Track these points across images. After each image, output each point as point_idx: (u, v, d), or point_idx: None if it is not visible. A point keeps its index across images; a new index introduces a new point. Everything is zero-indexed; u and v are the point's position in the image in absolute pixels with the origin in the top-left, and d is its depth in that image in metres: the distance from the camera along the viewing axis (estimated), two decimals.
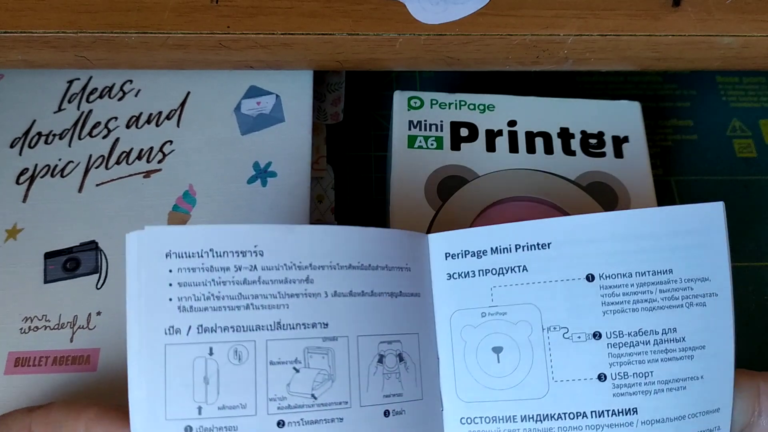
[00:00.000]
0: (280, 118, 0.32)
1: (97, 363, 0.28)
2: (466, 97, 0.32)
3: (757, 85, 0.41)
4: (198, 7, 0.29)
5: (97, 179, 0.31)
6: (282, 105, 0.32)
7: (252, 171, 0.31)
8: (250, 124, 0.32)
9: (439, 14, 0.30)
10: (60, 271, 0.29)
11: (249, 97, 0.32)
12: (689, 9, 0.30)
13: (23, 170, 0.31)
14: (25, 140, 0.32)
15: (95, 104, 0.32)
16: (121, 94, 0.33)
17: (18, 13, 0.29)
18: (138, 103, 0.32)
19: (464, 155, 0.30)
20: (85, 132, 0.32)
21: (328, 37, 0.29)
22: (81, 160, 0.31)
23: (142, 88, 0.33)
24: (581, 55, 0.30)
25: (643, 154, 0.31)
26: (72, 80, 0.33)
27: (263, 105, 0.32)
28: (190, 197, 0.30)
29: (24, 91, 0.33)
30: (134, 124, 0.32)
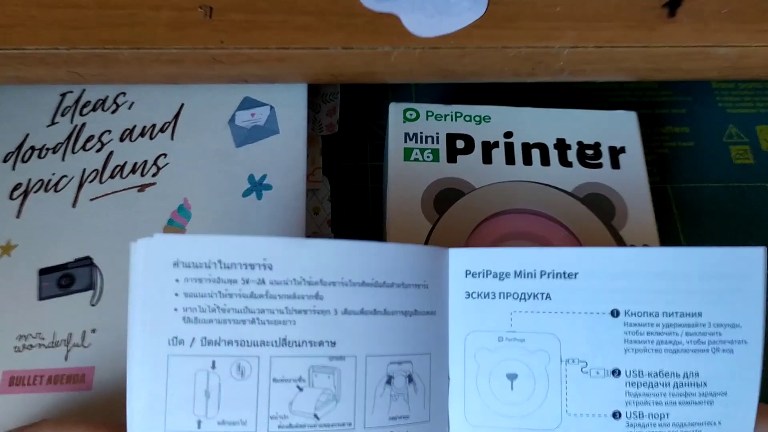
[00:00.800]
0: (274, 130, 0.32)
1: (92, 381, 0.27)
2: (461, 108, 0.32)
3: (753, 91, 0.41)
4: (191, 22, 0.29)
5: (91, 194, 0.31)
6: (276, 116, 0.32)
7: (247, 184, 0.31)
8: (245, 136, 0.31)
9: (434, 27, 0.29)
10: (54, 287, 0.29)
11: (243, 108, 0.32)
12: (685, 20, 0.30)
13: (16, 185, 0.31)
14: (18, 154, 0.32)
15: (88, 117, 0.32)
16: (115, 106, 0.32)
17: (10, 29, 0.28)
18: (131, 116, 0.32)
19: (460, 167, 0.30)
20: (79, 146, 0.32)
21: (322, 51, 0.29)
22: (75, 174, 0.31)
23: (136, 100, 0.32)
24: (577, 67, 0.30)
25: (640, 164, 0.31)
26: (65, 93, 0.33)
27: (257, 117, 0.32)
28: (185, 211, 0.30)
29: (16, 104, 0.33)
30: (128, 137, 0.32)
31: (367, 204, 0.36)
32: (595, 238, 0.29)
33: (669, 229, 0.36)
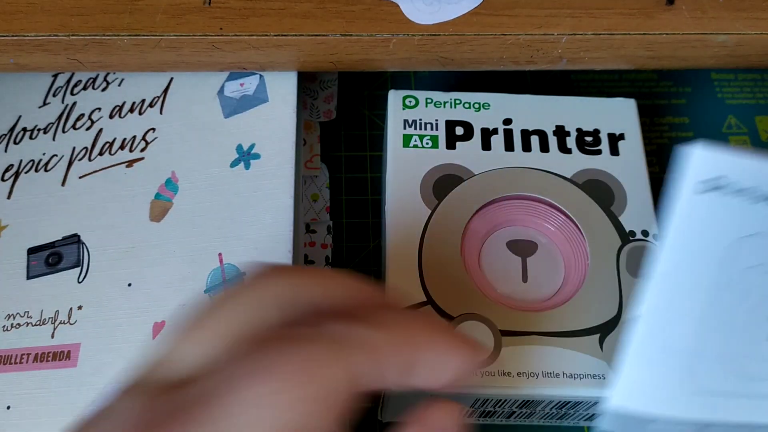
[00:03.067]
0: (263, 99, 0.31)
1: (78, 358, 0.27)
2: (461, 95, 0.32)
3: (753, 82, 0.41)
4: (190, 9, 0.29)
5: (80, 171, 0.31)
6: (266, 85, 0.31)
7: (235, 154, 0.30)
8: (234, 106, 0.31)
9: (433, 14, 0.29)
10: (43, 266, 0.29)
11: (232, 79, 0.31)
12: (683, 7, 0.30)
13: (8, 166, 0.31)
14: (11, 137, 0.32)
15: (79, 96, 0.32)
16: (105, 84, 0.32)
17: (9, 16, 0.28)
18: (121, 93, 0.32)
19: (460, 154, 0.30)
20: (69, 125, 0.32)
21: (321, 38, 0.29)
22: (65, 153, 0.31)
23: (126, 76, 0.32)
24: (575, 54, 0.30)
25: (638, 151, 0.31)
26: (57, 74, 0.33)
27: (246, 86, 0.31)
28: (172, 184, 0.30)
29: (9, 87, 0.33)
30: (117, 113, 0.32)
31: (366, 192, 0.36)
32: (593, 223, 0.29)
33: None
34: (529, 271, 0.28)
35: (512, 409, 0.28)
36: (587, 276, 0.28)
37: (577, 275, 0.28)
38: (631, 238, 0.28)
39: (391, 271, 0.28)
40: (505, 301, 0.28)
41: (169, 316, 0.28)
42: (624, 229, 0.29)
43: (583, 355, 0.26)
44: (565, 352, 0.26)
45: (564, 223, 0.29)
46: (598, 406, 0.27)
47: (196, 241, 0.29)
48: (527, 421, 0.30)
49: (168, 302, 0.28)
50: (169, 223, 0.29)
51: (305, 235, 0.33)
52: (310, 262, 0.32)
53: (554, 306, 0.27)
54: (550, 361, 0.26)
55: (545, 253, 0.29)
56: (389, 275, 0.27)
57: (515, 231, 0.30)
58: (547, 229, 0.29)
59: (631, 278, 0.28)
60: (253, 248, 0.28)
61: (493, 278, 0.28)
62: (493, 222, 0.29)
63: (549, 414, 0.28)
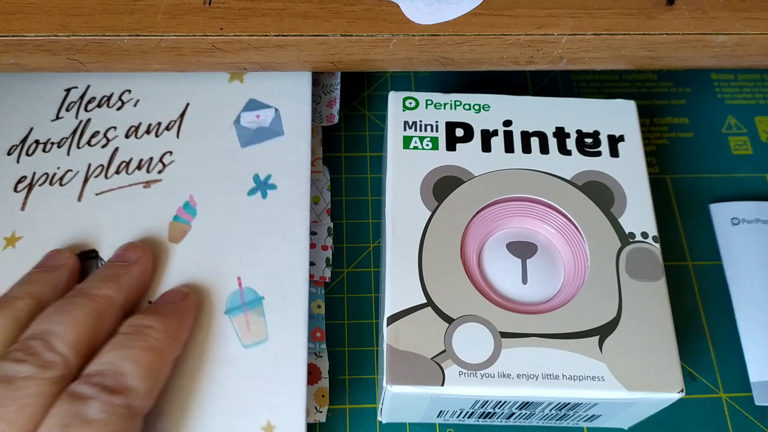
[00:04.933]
0: (279, 132, 0.32)
1: None
2: (461, 97, 0.32)
3: (752, 82, 0.41)
4: (191, 9, 0.29)
5: (97, 188, 0.31)
6: (281, 119, 0.32)
7: (252, 183, 0.31)
8: (250, 136, 0.32)
9: (433, 15, 0.29)
10: None
11: (248, 110, 0.32)
12: (683, 7, 0.30)
13: (21, 178, 0.31)
14: (23, 148, 0.32)
15: (93, 113, 0.32)
16: (120, 103, 0.33)
17: (10, 16, 0.28)
18: (137, 114, 0.32)
19: (460, 156, 0.30)
20: (84, 141, 0.32)
21: (321, 39, 0.29)
22: (80, 168, 0.31)
23: (141, 98, 0.33)
24: (576, 55, 0.30)
25: (638, 152, 0.31)
26: (69, 88, 0.33)
27: (262, 118, 0.32)
28: (190, 208, 0.30)
29: (20, 98, 0.33)
30: (133, 134, 0.32)
31: (366, 194, 0.36)
32: (593, 225, 0.29)
33: (668, 220, 0.36)
34: (528, 273, 0.28)
35: (512, 411, 0.28)
36: (587, 278, 0.28)
37: (576, 277, 0.28)
38: (630, 240, 0.29)
39: (391, 272, 0.28)
40: (504, 302, 0.28)
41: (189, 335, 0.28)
42: (624, 231, 0.29)
43: (582, 356, 0.26)
44: (564, 354, 0.26)
45: (564, 224, 0.29)
46: (597, 407, 0.27)
47: (215, 264, 0.29)
48: (527, 423, 0.30)
49: None
50: (188, 246, 0.30)
51: None
52: (311, 264, 0.32)
53: (554, 308, 0.27)
54: (549, 362, 0.26)
55: (545, 255, 0.29)
56: (389, 276, 0.27)
57: (515, 232, 0.30)
58: (547, 230, 0.30)
59: (630, 280, 0.28)
60: (270, 273, 0.29)
61: (492, 280, 0.28)
62: (493, 223, 0.29)
63: (549, 415, 0.29)
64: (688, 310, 0.34)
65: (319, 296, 0.32)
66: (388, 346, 0.26)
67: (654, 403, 0.27)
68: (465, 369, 0.26)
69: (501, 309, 0.27)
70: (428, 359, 0.26)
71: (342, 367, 0.32)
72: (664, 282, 0.28)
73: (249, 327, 0.28)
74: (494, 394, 0.26)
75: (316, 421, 0.30)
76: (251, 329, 0.28)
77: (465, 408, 0.28)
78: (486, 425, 0.31)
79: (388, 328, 0.27)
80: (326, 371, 0.30)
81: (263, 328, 0.28)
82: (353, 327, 0.33)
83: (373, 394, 0.32)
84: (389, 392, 0.26)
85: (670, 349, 0.26)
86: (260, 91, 0.33)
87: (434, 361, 0.26)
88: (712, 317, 0.34)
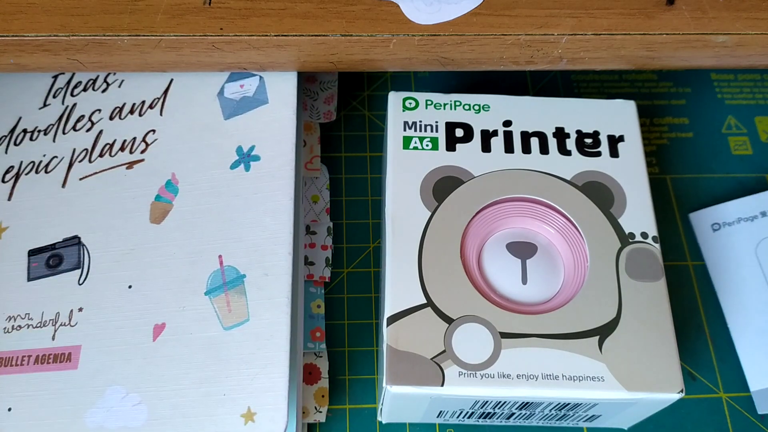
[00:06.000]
0: (263, 100, 0.31)
1: (78, 360, 0.27)
2: (461, 97, 0.32)
3: (752, 82, 0.41)
4: (191, 9, 0.29)
5: (81, 173, 0.31)
6: (266, 86, 0.31)
7: (235, 156, 0.30)
8: (234, 107, 0.31)
9: (433, 15, 0.29)
10: (43, 268, 0.29)
11: (232, 80, 0.31)
12: (683, 7, 0.30)
13: (8, 168, 0.31)
14: (11, 138, 0.32)
15: (79, 97, 0.32)
16: (105, 85, 0.32)
17: (10, 16, 0.28)
18: (121, 94, 0.32)
19: (459, 156, 0.30)
20: (69, 126, 0.32)
21: (321, 39, 0.29)
22: (65, 154, 0.31)
23: (126, 78, 0.32)
24: (575, 55, 0.30)
25: (638, 153, 0.31)
26: (57, 75, 0.33)
27: (246, 88, 0.31)
28: (172, 186, 0.30)
29: (9, 88, 0.33)
30: (117, 115, 0.32)
31: (366, 194, 0.36)
32: (593, 225, 0.29)
33: (668, 220, 0.36)
34: (528, 273, 0.28)
35: (512, 411, 0.28)
36: (587, 278, 0.28)
37: (576, 277, 0.28)
38: (630, 240, 0.29)
39: (391, 272, 0.28)
40: (504, 303, 0.28)
41: (169, 318, 0.28)
42: (623, 231, 0.29)
43: (582, 357, 0.26)
44: (564, 354, 0.26)
45: (564, 225, 0.29)
46: (597, 407, 0.27)
47: (196, 243, 0.29)
48: (527, 423, 0.30)
49: (169, 304, 0.28)
50: (170, 225, 0.29)
51: (305, 237, 0.33)
52: (311, 264, 0.32)
53: (554, 308, 0.27)
54: (549, 362, 0.26)
55: (545, 255, 0.29)
56: (389, 277, 0.27)
57: (515, 233, 0.30)
58: (547, 231, 0.30)
59: (630, 280, 0.28)
60: (253, 250, 0.28)
61: (492, 280, 0.28)
62: (493, 224, 0.29)
63: (548, 415, 0.29)
64: (688, 310, 0.34)
65: (318, 296, 0.32)
66: (388, 347, 0.26)
67: (654, 404, 0.27)
68: (465, 369, 0.26)
69: (501, 309, 0.27)
70: (428, 359, 0.26)
71: (342, 367, 0.32)
72: (664, 282, 0.28)
73: (230, 307, 0.27)
74: (494, 395, 0.26)
75: (316, 421, 0.29)
76: (232, 310, 0.27)
77: (465, 408, 0.28)
78: (486, 425, 0.31)
79: (388, 328, 0.27)
80: (326, 371, 0.30)
81: (245, 308, 0.27)
82: (353, 327, 0.33)
83: (373, 394, 0.32)
84: (389, 392, 0.26)
85: (669, 349, 0.26)
86: None
87: (434, 362, 0.26)
88: (712, 317, 0.34)
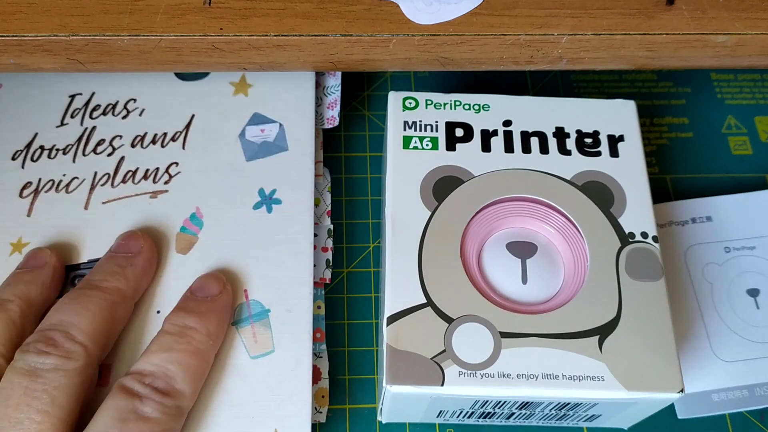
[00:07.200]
0: (283, 147, 0.32)
1: (110, 380, 0.28)
2: (461, 97, 0.32)
3: (752, 82, 0.41)
4: (190, 9, 0.29)
5: (103, 197, 0.31)
6: (285, 134, 0.32)
7: (257, 197, 0.31)
8: (255, 150, 0.32)
9: (433, 15, 0.29)
10: (67, 287, 0.29)
11: (253, 123, 0.32)
12: (683, 7, 0.30)
13: (26, 183, 0.31)
14: (27, 153, 0.32)
15: (98, 121, 0.32)
16: (125, 112, 0.33)
17: (10, 16, 0.28)
18: (142, 123, 0.32)
19: (459, 156, 0.30)
20: (90, 148, 0.32)
21: (321, 39, 0.29)
22: (86, 176, 0.31)
23: (146, 107, 0.33)
24: (575, 55, 0.30)
25: (638, 152, 0.31)
26: (74, 95, 0.33)
27: (267, 133, 0.32)
28: (197, 219, 0.31)
29: (24, 104, 0.33)
30: (139, 143, 0.32)
31: (366, 194, 0.36)
32: (593, 225, 0.29)
33: None
34: (528, 273, 0.29)
35: (512, 411, 0.28)
36: (587, 278, 0.28)
37: (576, 277, 0.28)
38: (630, 240, 0.29)
39: (391, 272, 0.28)
40: (504, 302, 0.28)
41: None
42: (623, 231, 0.29)
43: (582, 356, 0.26)
44: (564, 354, 0.26)
45: (563, 224, 0.29)
46: (597, 407, 0.27)
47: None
48: (527, 423, 0.30)
49: None
50: (195, 257, 0.30)
51: None
52: None
53: (554, 308, 0.27)
54: (549, 362, 0.26)
55: (545, 255, 0.29)
56: (389, 276, 0.28)
57: (515, 232, 0.30)
58: (547, 230, 0.30)
59: (630, 280, 0.28)
60: (276, 287, 0.29)
61: (492, 280, 0.28)
62: (493, 223, 0.29)
63: (548, 415, 0.29)
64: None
65: (319, 297, 0.32)
66: (388, 346, 0.26)
67: (654, 403, 0.27)
68: (465, 369, 0.26)
69: (501, 309, 0.27)
70: (428, 359, 0.26)
71: (342, 367, 0.32)
72: (663, 282, 0.28)
73: (256, 339, 0.28)
74: (494, 394, 0.26)
75: (316, 422, 0.30)
76: (258, 341, 0.28)
77: (465, 408, 0.28)
78: (486, 425, 0.31)
79: (388, 328, 0.27)
80: (326, 372, 0.31)
81: (270, 340, 0.29)
82: (353, 327, 0.33)
83: (373, 394, 0.32)
84: (389, 392, 0.26)
85: (669, 349, 0.26)
86: (264, 105, 0.33)
87: (434, 361, 0.26)
88: None
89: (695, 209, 0.36)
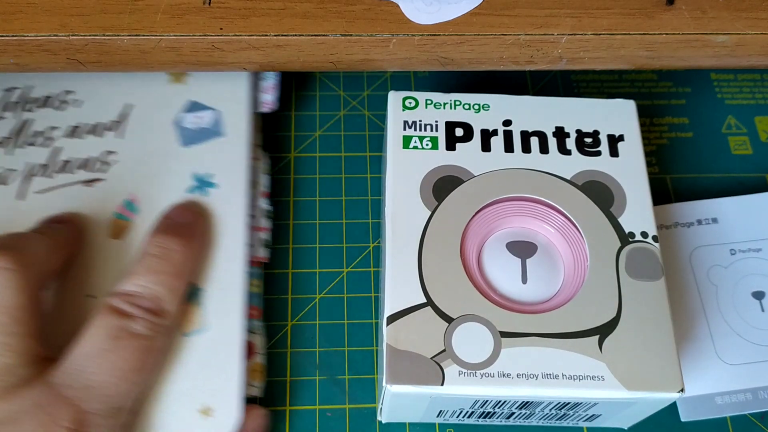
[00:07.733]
0: (219, 133, 0.33)
1: None
2: (460, 96, 0.32)
3: (752, 82, 0.41)
4: (190, 9, 0.29)
5: (39, 187, 0.31)
6: (221, 120, 0.33)
7: (193, 181, 0.32)
8: (191, 136, 0.32)
9: (433, 14, 0.29)
10: None
11: (189, 111, 0.33)
12: (683, 7, 0.30)
13: None
14: None
15: (35, 113, 0.33)
16: (61, 104, 0.33)
17: (10, 16, 0.28)
18: (79, 114, 0.33)
19: (459, 155, 0.30)
20: (25, 140, 0.32)
21: (321, 38, 0.29)
22: (21, 167, 0.31)
23: (83, 98, 0.33)
24: (575, 54, 0.30)
25: (638, 152, 0.31)
26: (10, 88, 0.33)
27: (203, 119, 0.33)
28: (132, 205, 0.31)
29: None
30: (76, 133, 0.32)
31: (366, 193, 0.36)
32: (593, 225, 0.29)
33: None
34: (528, 273, 0.29)
35: (512, 410, 0.28)
36: (587, 277, 0.28)
37: (576, 276, 0.28)
38: (630, 240, 0.29)
39: (391, 272, 0.28)
40: (504, 302, 0.28)
41: None
42: (623, 231, 0.29)
43: (582, 356, 0.26)
44: (564, 354, 0.26)
45: (563, 224, 0.29)
46: (597, 407, 0.27)
47: None
48: (527, 422, 0.30)
49: None
50: (130, 242, 0.30)
51: None
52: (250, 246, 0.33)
53: (553, 307, 0.27)
54: (549, 362, 0.26)
55: (545, 255, 0.29)
56: (389, 276, 0.28)
57: (515, 232, 0.30)
58: (547, 230, 0.30)
59: (630, 280, 0.28)
60: (209, 267, 0.30)
61: (492, 279, 0.28)
62: (493, 223, 0.29)
63: (548, 415, 0.29)
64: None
65: (256, 276, 0.32)
66: (388, 346, 0.26)
67: (654, 403, 0.27)
68: (465, 369, 0.26)
69: (501, 309, 0.27)
70: (428, 359, 0.26)
71: (342, 367, 0.32)
72: (663, 282, 0.28)
73: (188, 316, 0.29)
74: (494, 394, 0.26)
75: (251, 396, 0.30)
76: (190, 319, 0.29)
77: (465, 408, 0.28)
78: (486, 425, 0.31)
79: (388, 327, 0.27)
80: (262, 347, 0.31)
81: (202, 317, 0.29)
82: (353, 327, 0.33)
83: (373, 394, 0.32)
84: (389, 392, 0.26)
85: (669, 348, 0.26)
86: (201, 94, 0.33)
87: (434, 361, 0.26)
88: None
89: (701, 211, 0.35)
